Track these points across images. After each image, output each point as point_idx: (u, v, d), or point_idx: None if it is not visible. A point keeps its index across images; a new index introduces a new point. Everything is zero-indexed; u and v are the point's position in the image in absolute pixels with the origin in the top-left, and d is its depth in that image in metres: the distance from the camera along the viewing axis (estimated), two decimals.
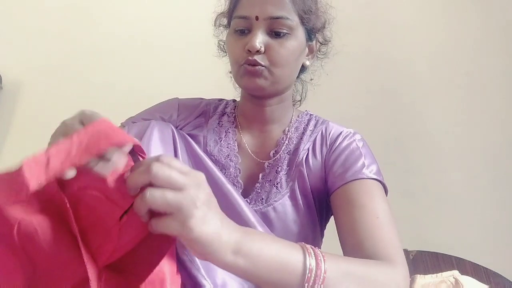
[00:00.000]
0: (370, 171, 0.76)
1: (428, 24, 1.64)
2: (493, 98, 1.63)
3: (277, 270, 0.50)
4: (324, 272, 0.51)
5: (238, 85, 0.83)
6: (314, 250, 0.54)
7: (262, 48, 0.74)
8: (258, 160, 0.83)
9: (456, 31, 1.63)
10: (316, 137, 0.84)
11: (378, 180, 0.76)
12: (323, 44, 0.87)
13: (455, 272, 1.01)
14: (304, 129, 0.86)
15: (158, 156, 0.45)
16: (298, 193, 0.80)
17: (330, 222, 0.85)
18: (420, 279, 1.02)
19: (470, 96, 1.64)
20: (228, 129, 0.86)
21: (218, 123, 0.87)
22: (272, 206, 0.79)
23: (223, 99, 0.93)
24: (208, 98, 0.93)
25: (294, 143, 0.84)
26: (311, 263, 0.51)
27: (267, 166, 0.82)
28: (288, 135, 0.85)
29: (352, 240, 0.67)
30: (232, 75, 0.83)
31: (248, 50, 0.74)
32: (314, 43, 0.84)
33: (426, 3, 1.67)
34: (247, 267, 0.48)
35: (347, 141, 0.82)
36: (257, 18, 0.74)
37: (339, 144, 0.82)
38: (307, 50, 0.83)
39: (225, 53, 0.88)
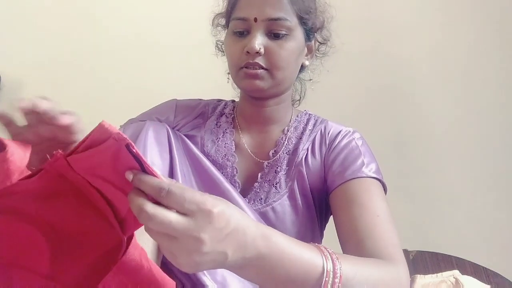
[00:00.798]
0: (369, 169, 0.76)
1: (427, 23, 1.64)
2: (493, 98, 1.62)
3: (295, 282, 0.49)
4: (340, 276, 0.51)
5: (238, 87, 0.83)
6: (329, 252, 0.52)
7: (262, 50, 0.74)
8: (258, 160, 0.83)
9: (456, 30, 1.63)
10: (315, 137, 0.84)
11: (378, 179, 0.76)
12: (322, 44, 0.87)
13: (456, 272, 1.00)
14: (303, 129, 0.85)
15: (169, 183, 0.41)
16: (297, 193, 0.80)
17: (329, 223, 0.84)
18: (420, 279, 1.01)
19: (470, 96, 1.64)
20: (226, 130, 0.85)
21: (216, 124, 0.87)
22: (271, 206, 0.79)
23: (222, 100, 0.93)
24: (207, 99, 0.93)
25: (293, 143, 0.84)
26: (328, 267, 0.50)
27: (266, 166, 0.82)
28: (288, 135, 0.84)
29: (353, 238, 0.67)
30: (230, 76, 0.83)
31: (247, 52, 0.74)
32: (313, 42, 0.84)
33: (425, 2, 1.66)
34: (263, 282, 0.48)
35: (346, 140, 0.82)
36: (255, 19, 0.74)
37: (338, 143, 0.82)
38: (306, 50, 0.83)
39: (223, 53, 0.87)
